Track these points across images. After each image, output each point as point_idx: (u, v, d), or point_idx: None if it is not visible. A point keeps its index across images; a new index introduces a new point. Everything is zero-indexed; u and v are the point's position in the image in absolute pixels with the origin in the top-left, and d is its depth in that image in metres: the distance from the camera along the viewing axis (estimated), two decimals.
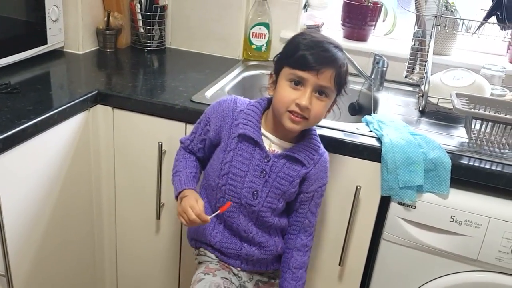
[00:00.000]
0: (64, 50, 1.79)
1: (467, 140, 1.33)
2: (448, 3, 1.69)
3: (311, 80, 1.05)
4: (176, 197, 1.18)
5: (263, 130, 1.16)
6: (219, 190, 1.17)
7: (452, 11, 1.71)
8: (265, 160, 1.14)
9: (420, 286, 1.32)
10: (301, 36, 1.10)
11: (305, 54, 1.05)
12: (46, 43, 1.66)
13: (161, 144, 1.42)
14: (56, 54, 1.74)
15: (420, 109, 1.52)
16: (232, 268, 1.25)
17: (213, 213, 1.16)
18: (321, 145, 1.19)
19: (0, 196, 1.16)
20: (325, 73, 1.05)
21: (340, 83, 1.09)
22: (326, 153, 1.20)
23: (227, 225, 1.21)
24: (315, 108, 1.07)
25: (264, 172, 1.14)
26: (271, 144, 1.16)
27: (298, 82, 1.07)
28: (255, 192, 1.15)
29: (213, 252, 1.25)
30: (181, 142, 1.27)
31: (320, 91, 1.07)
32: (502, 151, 1.29)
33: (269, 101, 1.16)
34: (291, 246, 1.23)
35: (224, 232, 1.21)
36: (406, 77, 1.67)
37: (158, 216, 1.51)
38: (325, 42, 1.07)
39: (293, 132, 1.13)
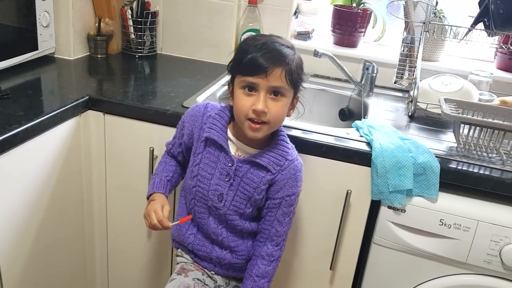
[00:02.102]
0: (55, 56, 1.79)
1: (455, 145, 1.35)
2: (436, 10, 1.71)
3: (262, 84, 1.05)
4: (147, 198, 1.22)
5: (230, 135, 1.17)
6: (191, 192, 1.20)
7: (440, 17, 1.73)
8: (229, 164, 1.15)
9: None
10: (245, 43, 1.11)
11: (250, 60, 1.05)
12: (37, 49, 1.66)
13: (153, 150, 1.42)
14: (47, 60, 1.74)
15: (409, 114, 1.54)
16: (207, 270, 1.26)
17: (188, 215, 1.21)
18: (292, 151, 1.17)
19: None
20: (274, 73, 1.04)
21: (293, 79, 1.07)
22: (299, 161, 1.18)
23: (200, 228, 1.22)
24: (273, 110, 1.07)
25: (229, 175, 1.15)
26: (238, 149, 1.17)
27: (251, 88, 1.07)
28: (220, 195, 1.16)
29: (188, 253, 1.27)
30: (166, 146, 1.30)
31: (275, 92, 1.07)
32: (490, 155, 1.31)
33: None
34: (256, 254, 1.21)
35: (197, 235, 1.23)
36: (395, 82, 1.69)
37: None
38: (269, 43, 1.07)
39: (258, 139, 1.13)
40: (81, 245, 1.58)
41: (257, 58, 1.04)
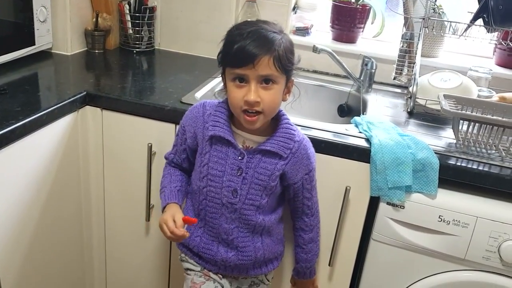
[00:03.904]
0: (52, 51, 1.78)
1: (454, 141, 1.35)
2: (435, 6, 1.71)
3: (251, 74, 1.04)
4: (162, 212, 1.19)
5: (234, 129, 1.15)
6: (201, 193, 1.18)
7: (439, 13, 1.73)
8: (240, 158, 1.13)
9: (409, 286, 1.33)
10: (230, 33, 1.08)
11: (236, 51, 1.03)
12: (34, 44, 1.65)
13: (151, 146, 1.41)
14: (44, 55, 1.73)
15: (409, 110, 1.54)
16: (214, 275, 1.24)
17: (195, 217, 1.19)
18: (297, 132, 1.17)
19: None
20: (261, 62, 1.02)
21: (282, 65, 1.05)
22: (306, 139, 1.18)
23: (207, 230, 1.20)
24: (266, 99, 1.06)
25: (240, 169, 1.14)
26: (245, 140, 1.15)
27: (241, 79, 1.06)
28: (234, 191, 1.14)
29: (193, 257, 1.25)
30: (166, 158, 1.28)
31: (266, 80, 1.05)
32: (489, 151, 1.31)
33: None
34: (297, 227, 1.28)
35: (203, 237, 1.21)
36: (394, 79, 1.68)
37: (148, 218, 1.51)
38: (254, 30, 1.04)
39: (259, 127, 1.12)
40: (79, 242, 1.57)
41: (243, 48, 1.02)
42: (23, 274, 1.33)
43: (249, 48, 1.02)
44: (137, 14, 1.87)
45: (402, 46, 1.65)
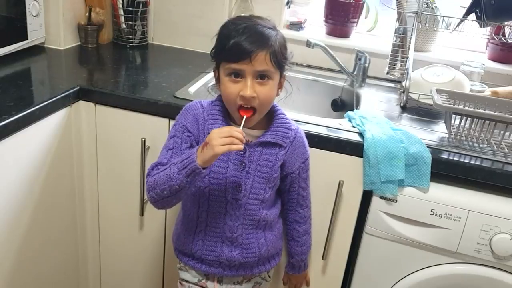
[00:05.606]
0: (45, 45, 1.77)
1: (447, 135, 1.35)
2: (428, 1, 1.71)
3: (247, 69, 1.04)
4: (194, 168, 1.01)
5: (232, 124, 1.15)
6: (202, 194, 1.15)
7: (432, 8, 1.73)
8: (241, 153, 1.13)
9: (402, 279, 1.34)
10: (225, 28, 1.08)
11: (233, 45, 1.03)
12: (27, 39, 1.64)
13: (144, 140, 1.41)
14: (37, 49, 1.72)
15: (401, 105, 1.55)
16: (211, 285, 1.24)
17: (197, 219, 1.18)
18: (291, 121, 1.18)
19: None
20: (258, 57, 1.03)
21: (278, 61, 1.06)
22: (300, 128, 1.21)
23: (209, 231, 1.19)
24: (261, 94, 1.06)
25: (243, 164, 1.14)
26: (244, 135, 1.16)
27: (237, 74, 1.06)
28: (238, 186, 1.14)
29: (194, 264, 1.22)
30: (157, 165, 1.12)
31: (261, 76, 1.06)
32: (480, 145, 1.32)
33: None
34: (291, 220, 1.29)
35: (205, 240, 1.19)
36: (387, 73, 1.69)
37: (142, 213, 1.51)
38: (250, 26, 1.05)
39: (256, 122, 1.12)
40: (73, 237, 1.57)
41: (240, 43, 1.02)
42: (17, 267, 1.33)
43: (246, 43, 1.02)
44: (130, 9, 1.86)
45: (395, 41, 1.65)
